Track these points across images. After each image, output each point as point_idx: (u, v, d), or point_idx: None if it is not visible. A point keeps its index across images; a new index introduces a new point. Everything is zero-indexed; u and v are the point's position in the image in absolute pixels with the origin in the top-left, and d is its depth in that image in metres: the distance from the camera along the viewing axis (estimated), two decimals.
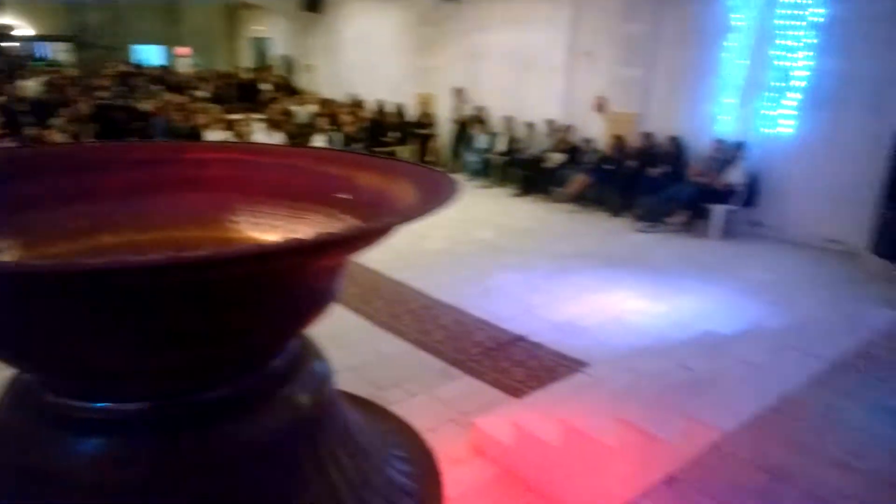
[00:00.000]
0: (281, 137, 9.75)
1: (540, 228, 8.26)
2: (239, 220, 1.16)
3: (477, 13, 11.10)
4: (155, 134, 9.57)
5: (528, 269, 6.37)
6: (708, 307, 5.48)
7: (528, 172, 9.95)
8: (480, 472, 3.08)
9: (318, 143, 9.98)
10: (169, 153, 1.38)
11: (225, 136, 9.09)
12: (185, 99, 11.89)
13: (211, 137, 8.72)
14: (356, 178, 1.10)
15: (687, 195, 7.88)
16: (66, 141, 8.12)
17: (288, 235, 1.06)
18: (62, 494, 0.83)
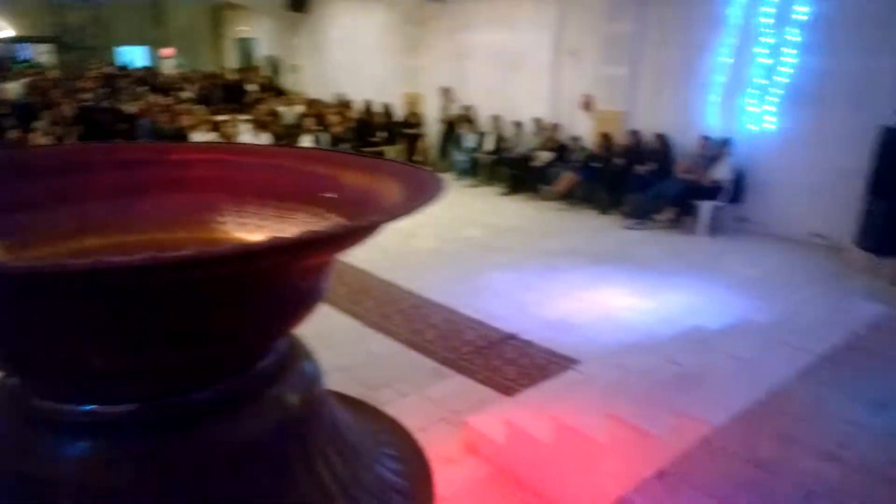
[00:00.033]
0: (268, 138, 9.71)
1: (529, 227, 8.28)
2: (225, 220, 1.15)
3: (462, 13, 11.11)
4: (140, 136, 9.49)
5: (517, 267, 6.39)
6: (696, 303, 5.52)
7: (516, 171, 9.97)
8: (473, 470, 3.08)
9: (305, 143, 9.94)
10: (154, 154, 1.37)
11: (211, 137, 9.03)
12: (170, 100, 11.81)
13: (197, 139, 8.66)
14: (342, 177, 1.09)
15: (674, 192, 7.93)
16: (49, 143, 8.04)
17: (274, 235, 1.05)
18: (50, 498, 0.82)
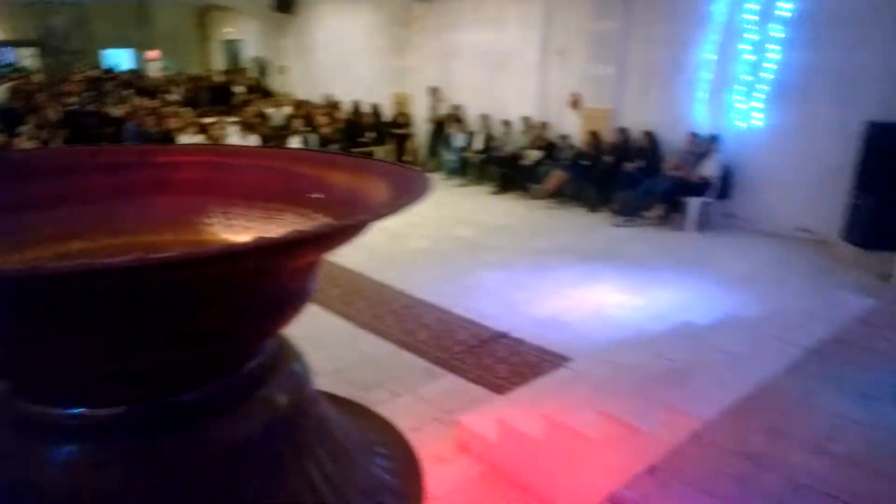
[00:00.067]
0: (256, 140, 9.68)
1: (519, 225, 8.30)
2: (212, 222, 1.14)
3: (449, 13, 11.13)
4: (126, 139, 9.44)
5: (508, 265, 6.40)
6: (685, 299, 5.56)
7: (505, 170, 10.00)
8: (466, 469, 3.09)
9: (293, 145, 9.91)
10: (140, 157, 1.36)
11: (198, 139, 8.99)
12: (156, 103, 11.74)
13: (184, 141, 8.61)
14: (329, 177, 1.09)
15: (663, 189, 7.98)
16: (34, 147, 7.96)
17: (260, 236, 1.05)
18: (39, 502, 0.82)
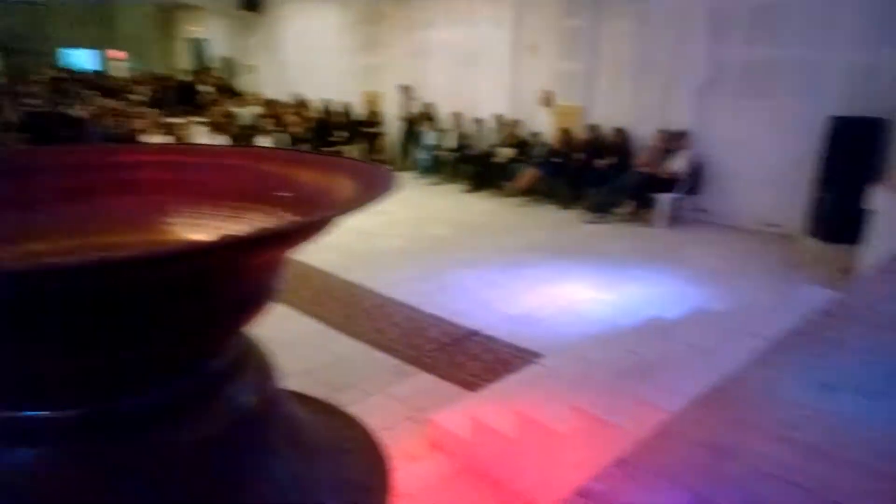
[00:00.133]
0: (224, 140, 9.56)
1: (492, 223, 8.33)
2: (176, 222, 1.13)
3: (419, 10, 11.11)
4: (90, 141, 9.24)
5: (481, 263, 6.42)
6: (655, 294, 5.64)
7: (478, 168, 10.02)
8: (439, 466, 3.09)
9: (263, 144, 9.81)
10: (102, 157, 1.34)
11: (164, 140, 8.85)
12: (120, 104, 11.52)
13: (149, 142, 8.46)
14: (295, 175, 1.08)
15: (633, 185, 8.07)
16: None
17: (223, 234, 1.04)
18: None
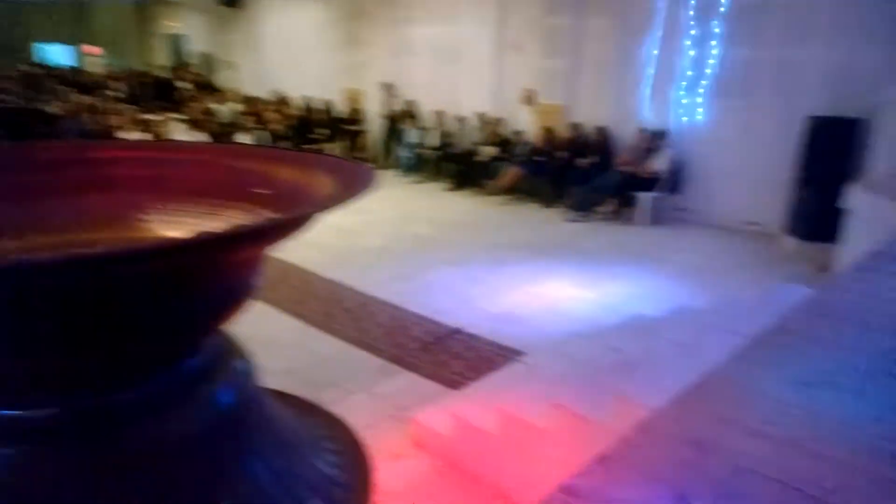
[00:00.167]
0: (203, 137, 9.46)
1: (474, 221, 8.34)
2: (152, 219, 1.11)
3: (402, 7, 11.07)
4: (66, 137, 9.09)
5: (463, 262, 6.42)
6: (637, 291, 5.68)
7: (460, 166, 10.01)
8: (422, 464, 3.09)
9: (243, 142, 9.72)
10: (76, 153, 1.31)
11: (142, 137, 8.73)
12: (96, 100, 11.35)
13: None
14: (274, 172, 1.07)
15: (615, 184, 8.12)
16: None
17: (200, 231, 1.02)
18: None
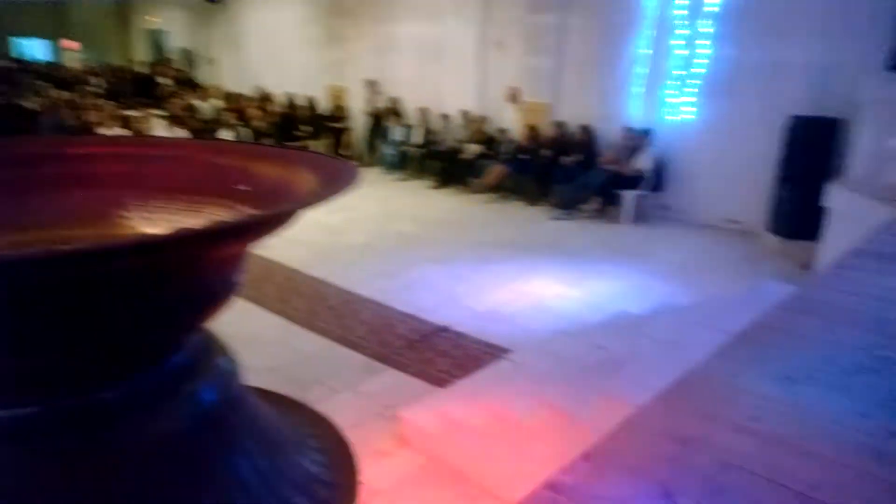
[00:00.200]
0: (184, 133, 9.36)
1: (459, 219, 8.33)
2: (131, 216, 1.10)
3: (385, 4, 11.01)
4: (44, 133, 8.95)
5: (448, 260, 6.41)
6: (621, 289, 5.71)
7: (445, 164, 9.99)
8: (407, 462, 3.08)
9: (225, 138, 9.63)
10: (53, 149, 1.29)
11: (121, 132, 8.62)
12: (75, 95, 11.18)
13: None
14: (255, 169, 1.06)
15: (599, 182, 8.15)
16: None
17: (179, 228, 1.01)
18: None
